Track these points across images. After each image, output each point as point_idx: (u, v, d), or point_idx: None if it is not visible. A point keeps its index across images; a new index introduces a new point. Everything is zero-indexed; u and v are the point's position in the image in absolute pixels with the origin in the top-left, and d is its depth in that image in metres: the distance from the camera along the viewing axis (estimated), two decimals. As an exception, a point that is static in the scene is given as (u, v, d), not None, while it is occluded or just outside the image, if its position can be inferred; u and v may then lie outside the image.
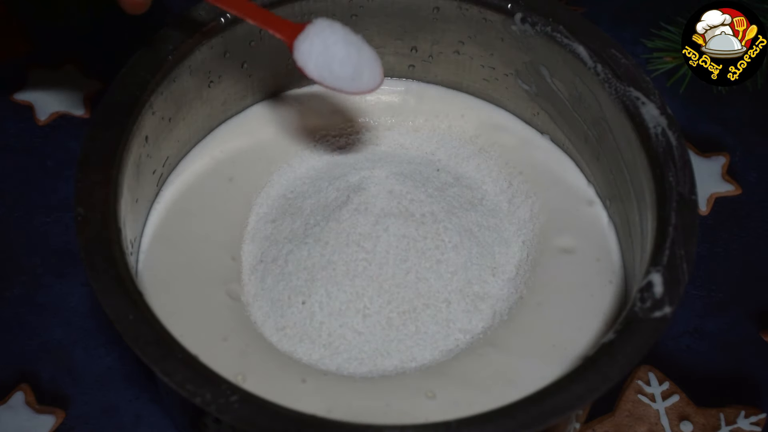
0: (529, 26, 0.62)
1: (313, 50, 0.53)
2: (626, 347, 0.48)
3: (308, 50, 0.53)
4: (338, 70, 0.53)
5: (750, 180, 0.76)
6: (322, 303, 0.58)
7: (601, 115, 0.60)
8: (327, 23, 0.54)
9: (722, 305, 0.69)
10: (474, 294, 0.59)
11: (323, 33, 0.53)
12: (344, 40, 0.53)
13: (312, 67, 0.54)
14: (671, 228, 0.52)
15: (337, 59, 0.53)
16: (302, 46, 0.53)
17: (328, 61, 0.53)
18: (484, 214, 0.63)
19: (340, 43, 0.53)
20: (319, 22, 0.54)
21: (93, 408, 0.63)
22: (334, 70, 0.53)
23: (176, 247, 0.60)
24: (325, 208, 0.62)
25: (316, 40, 0.53)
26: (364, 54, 0.54)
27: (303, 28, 0.53)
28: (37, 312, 0.67)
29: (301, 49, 0.53)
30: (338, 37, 0.53)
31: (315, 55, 0.53)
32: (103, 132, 0.54)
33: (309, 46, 0.53)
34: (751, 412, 0.63)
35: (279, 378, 0.55)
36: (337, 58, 0.53)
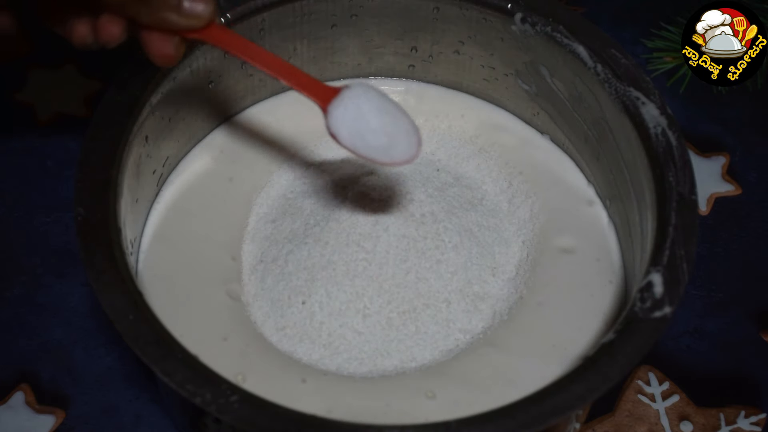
0: (529, 26, 0.62)
1: (346, 117, 0.50)
2: (626, 347, 0.48)
3: (341, 117, 0.50)
4: (372, 139, 0.50)
5: (750, 180, 0.76)
6: (322, 303, 0.58)
7: (601, 115, 0.60)
8: (362, 90, 0.50)
9: (722, 305, 0.69)
10: (474, 294, 0.59)
11: (358, 99, 0.50)
12: (379, 108, 0.50)
13: (345, 134, 0.50)
14: (671, 228, 0.52)
15: (370, 128, 0.50)
16: (335, 111, 0.50)
17: (362, 130, 0.50)
18: (484, 214, 0.63)
19: (374, 111, 0.50)
20: (354, 88, 0.50)
21: (93, 408, 0.63)
22: (367, 140, 0.50)
23: (176, 247, 0.60)
24: (325, 208, 0.62)
25: (350, 106, 0.50)
26: (400, 123, 0.51)
27: (337, 93, 0.50)
28: (37, 312, 0.67)
29: (335, 115, 0.50)
30: (373, 105, 0.50)
31: (348, 122, 0.50)
32: (103, 132, 0.54)
33: (342, 112, 0.50)
34: (751, 412, 0.63)
35: (279, 378, 0.55)
36: (371, 127, 0.50)
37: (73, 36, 0.47)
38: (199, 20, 0.46)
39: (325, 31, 0.66)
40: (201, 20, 0.46)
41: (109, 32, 0.46)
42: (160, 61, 0.48)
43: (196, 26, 0.47)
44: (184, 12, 0.46)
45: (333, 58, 0.68)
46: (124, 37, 0.46)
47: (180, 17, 0.46)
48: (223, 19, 0.60)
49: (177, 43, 0.47)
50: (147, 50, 0.47)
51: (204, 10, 0.46)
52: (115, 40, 0.46)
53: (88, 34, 0.46)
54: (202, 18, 0.46)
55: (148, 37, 0.47)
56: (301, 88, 0.50)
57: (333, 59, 0.68)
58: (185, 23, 0.46)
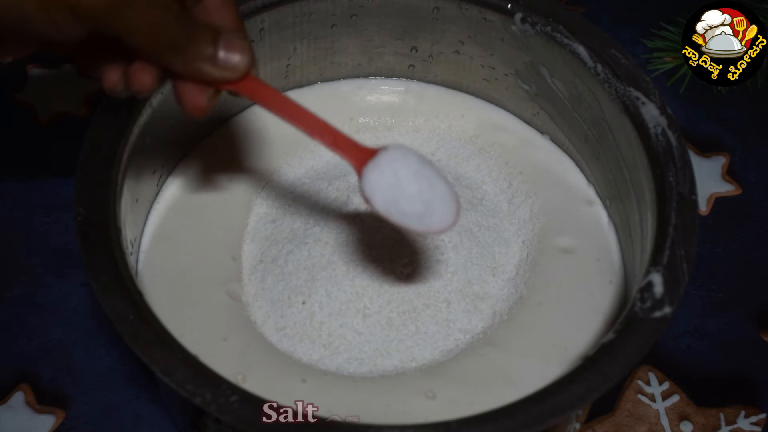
0: (529, 26, 0.62)
1: (382, 182, 0.47)
2: (626, 347, 0.48)
3: (377, 181, 0.47)
4: (407, 207, 0.47)
5: (750, 180, 0.76)
6: (322, 303, 0.58)
7: (601, 115, 0.60)
8: (400, 153, 0.47)
9: (722, 305, 0.69)
10: (474, 294, 0.59)
11: (395, 164, 0.47)
12: (417, 174, 0.47)
13: (379, 200, 0.47)
14: (671, 228, 0.52)
15: (406, 195, 0.47)
16: (371, 175, 0.47)
17: (397, 196, 0.47)
18: (484, 214, 0.63)
19: (411, 177, 0.47)
20: (391, 151, 0.47)
21: (93, 408, 0.63)
22: (402, 208, 0.47)
23: (176, 247, 0.60)
24: (325, 208, 0.62)
25: (386, 170, 0.47)
26: (437, 190, 0.48)
27: (373, 155, 0.47)
28: (37, 312, 0.67)
29: (370, 179, 0.47)
30: (411, 170, 0.47)
31: (384, 187, 0.47)
32: (103, 132, 0.54)
33: (378, 177, 0.47)
34: (751, 412, 0.63)
35: (279, 378, 0.55)
36: (407, 194, 0.47)
37: (104, 82, 0.45)
38: (234, 72, 0.44)
39: (325, 31, 0.66)
40: (236, 72, 0.44)
41: (141, 80, 0.44)
42: (191, 112, 0.45)
43: (231, 78, 0.45)
44: (220, 64, 0.44)
45: (333, 58, 0.68)
46: (156, 86, 0.45)
47: (215, 69, 0.44)
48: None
49: (211, 94, 0.45)
50: (179, 100, 0.45)
51: (240, 62, 0.44)
52: (146, 88, 0.44)
53: (119, 81, 0.45)
54: (238, 70, 0.44)
55: (182, 88, 0.45)
56: (336, 148, 0.47)
57: (333, 59, 0.68)
58: (220, 75, 0.44)
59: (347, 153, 0.48)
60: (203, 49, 0.44)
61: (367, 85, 0.70)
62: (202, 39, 0.43)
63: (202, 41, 0.43)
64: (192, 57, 0.43)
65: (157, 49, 0.43)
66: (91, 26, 0.41)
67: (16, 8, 0.40)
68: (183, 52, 0.43)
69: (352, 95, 0.70)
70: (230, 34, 0.44)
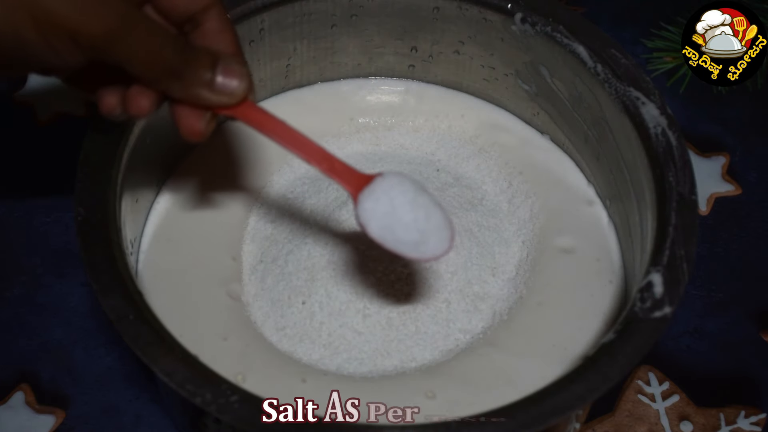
0: (529, 26, 0.62)
1: (377, 209, 0.47)
2: (626, 347, 0.48)
3: (372, 209, 0.47)
4: (403, 235, 0.48)
5: (750, 180, 0.76)
6: (322, 303, 0.58)
7: (601, 115, 0.60)
8: (396, 180, 0.48)
9: (722, 305, 0.69)
10: (474, 294, 0.59)
11: (391, 192, 0.47)
12: (413, 203, 0.47)
13: (374, 227, 0.48)
14: (671, 228, 0.52)
15: (402, 224, 0.47)
16: (367, 203, 0.47)
17: (392, 224, 0.47)
18: (484, 214, 0.63)
19: (407, 205, 0.47)
20: (388, 178, 0.48)
21: (93, 408, 0.63)
22: (397, 235, 0.48)
23: (176, 247, 0.60)
24: (325, 209, 0.62)
25: (382, 198, 0.47)
26: (432, 219, 0.48)
27: (369, 181, 0.48)
28: (37, 312, 0.67)
29: (365, 207, 0.47)
30: (406, 199, 0.47)
31: (379, 215, 0.47)
32: (103, 132, 0.54)
33: (374, 204, 0.47)
34: (751, 412, 0.63)
35: (279, 378, 0.55)
36: (403, 222, 0.47)
37: (102, 105, 0.45)
38: (231, 98, 0.45)
39: (325, 31, 0.66)
40: (234, 98, 0.45)
41: (138, 104, 0.44)
42: (188, 136, 0.46)
43: (229, 104, 0.45)
44: (218, 89, 0.44)
45: (333, 58, 0.68)
46: (153, 110, 0.45)
47: (212, 94, 0.44)
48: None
49: (208, 119, 0.46)
50: (177, 124, 0.46)
51: (237, 88, 0.45)
52: (143, 112, 0.45)
53: (116, 106, 0.45)
54: (235, 96, 0.45)
55: (179, 112, 0.45)
56: (333, 174, 0.48)
57: (333, 59, 0.68)
58: (217, 100, 0.45)
59: (343, 179, 0.48)
60: (201, 75, 0.44)
61: (367, 85, 0.70)
62: (200, 65, 0.44)
63: (201, 67, 0.44)
64: (190, 83, 0.44)
65: (155, 76, 0.43)
66: (91, 53, 0.41)
67: (13, 35, 0.40)
68: (181, 78, 0.43)
69: (352, 95, 0.70)
70: (229, 60, 0.45)
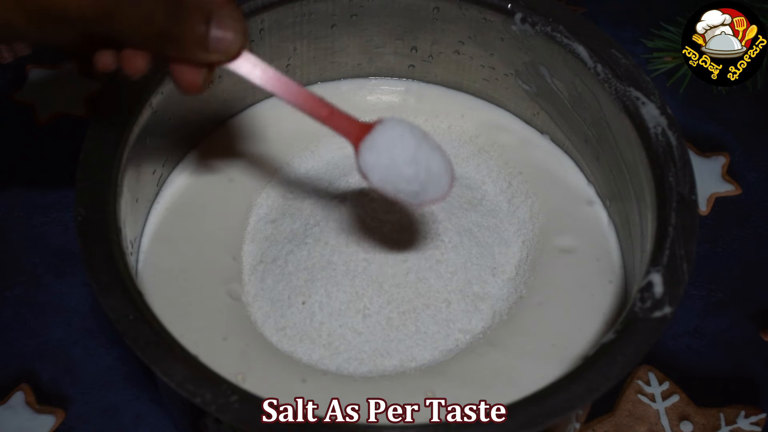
0: (529, 26, 0.62)
1: (379, 163, 0.48)
2: (626, 347, 0.48)
3: (374, 162, 0.48)
4: (403, 187, 0.48)
5: (750, 180, 0.76)
6: (322, 303, 0.58)
7: (601, 115, 0.60)
8: (398, 133, 0.48)
9: (722, 305, 0.69)
10: (474, 294, 0.59)
11: (393, 146, 0.47)
12: (413, 157, 0.48)
13: (376, 178, 0.48)
14: (671, 228, 0.52)
15: (402, 178, 0.48)
16: (368, 155, 0.48)
17: (393, 177, 0.48)
18: (484, 214, 0.63)
19: (409, 160, 0.48)
20: (388, 130, 0.48)
21: (93, 408, 0.63)
22: (399, 187, 0.48)
23: (176, 247, 0.60)
24: (325, 208, 0.62)
25: (383, 152, 0.48)
26: (433, 170, 0.48)
27: (369, 130, 0.48)
28: (37, 312, 0.67)
29: (366, 159, 0.48)
30: (408, 154, 0.48)
31: (380, 167, 0.48)
32: (103, 132, 0.54)
33: (375, 158, 0.48)
34: (751, 412, 0.63)
35: (279, 378, 0.55)
36: (403, 176, 0.48)
37: (98, 65, 0.45)
38: (226, 54, 0.44)
39: (325, 31, 0.66)
40: (228, 54, 0.44)
41: (134, 65, 0.44)
42: (187, 90, 0.46)
43: (224, 60, 0.45)
44: (212, 47, 0.44)
45: (333, 58, 0.68)
46: (148, 68, 0.45)
47: (207, 53, 0.44)
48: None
49: (205, 73, 0.46)
50: (175, 80, 0.46)
51: (231, 44, 0.44)
52: (139, 71, 0.44)
53: (112, 63, 0.45)
54: (230, 52, 0.44)
55: (176, 68, 0.45)
56: (331, 124, 0.48)
57: (333, 59, 0.68)
58: (212, 58, 0.44)
59: (343, 129, 0.48)
60: (194, 34, 0.43)
61: (367, 85, 0.70)
62: (193, 23, 0.43)
63: (194, 25, 0.43)
64: (184, 43, 0.43)
65: (148, 41, 0.43)
66: (82, 29, 0.41)
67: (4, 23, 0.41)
68: (174, 40, 0.43)
69: (352, 95, 0.70)
70: (222, 14, 0.44)
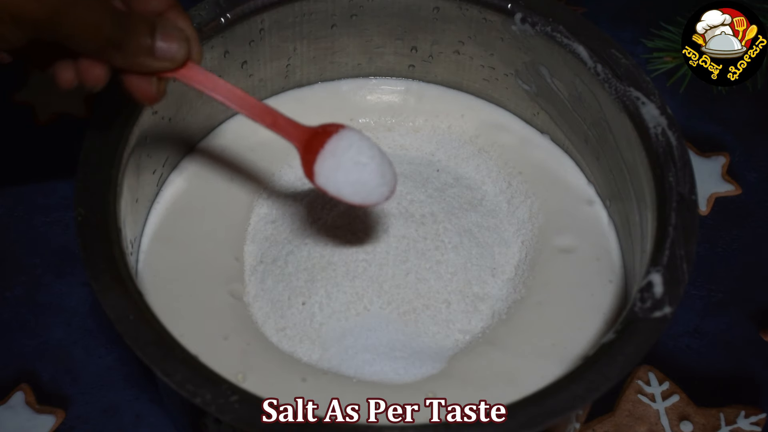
0: (529, 26, 0.62)
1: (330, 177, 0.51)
2: (626, 347, 0.48)
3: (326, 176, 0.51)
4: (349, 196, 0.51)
5: (750, 180, 0.76)
6: (322, 304, 0.58)
7: (601, 115, 0.60)
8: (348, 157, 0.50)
9: (722, 305, 0.69)
10: (474, 295, 0.59)
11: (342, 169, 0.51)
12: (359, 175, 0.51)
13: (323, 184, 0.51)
14: (671, 228, 0.52)
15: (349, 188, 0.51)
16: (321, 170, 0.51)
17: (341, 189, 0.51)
18: (484, 214, 0.63)
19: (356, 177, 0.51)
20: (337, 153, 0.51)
21: (93, 408, 0.63)
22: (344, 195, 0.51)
23: (176, 247, 0.60)
24: (325, 209, 0.62)
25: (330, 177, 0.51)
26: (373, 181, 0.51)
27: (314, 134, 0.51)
28: (37, 312, 0.67)
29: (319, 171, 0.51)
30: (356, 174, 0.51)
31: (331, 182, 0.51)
32: (103, 132, 0.54)
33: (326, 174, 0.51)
34: (751, 412, 0.63)
35: (279, 377, 0.55)
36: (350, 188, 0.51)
37: (59, 81, 0.47)
38: (173, 62, 0.46)
39: (325, 31, 0.66)
40: (175, 62, 0.46)
41: (92, 75, 0.45)
42: (142, 100, 0.48)
43: (171, 68, 0.47)
44: (158, 55, 0.46)
45: (333, 58, 0.68)
46: (108, 77, 0.46)
47: (154, 60, 0.46)
48: (223, 19, 0.60)
49: (156, 82, 0.47)
50: (128, 90, 0.47)
51: (177, 52, 0.46)
52: (100, 81, 0.46)
53: (73, 79, 0.46)
54: (176, 60, 0.46)
55: (128, 79, 0.47)
56: (277, 129, 0.51)
57: (333, 59, 0.68)
58: (159, 66, 0.46)
59: (286, 133, 0.51)
60: (141, 44, 0.45)
61: (367, 85, 0.70)
62: (139, 33, 0.45)
63: (140, 35, 0.45)
64: (131, 52, 0.45)
65: (97, 49, 0.44)
66: (33, 33, 0.42)
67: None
68: (122, 49, 0.44)
69: (352, 95, 0.70)
70: (166, 25, 0.46)
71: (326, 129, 0.51)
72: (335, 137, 0.51)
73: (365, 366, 0.57)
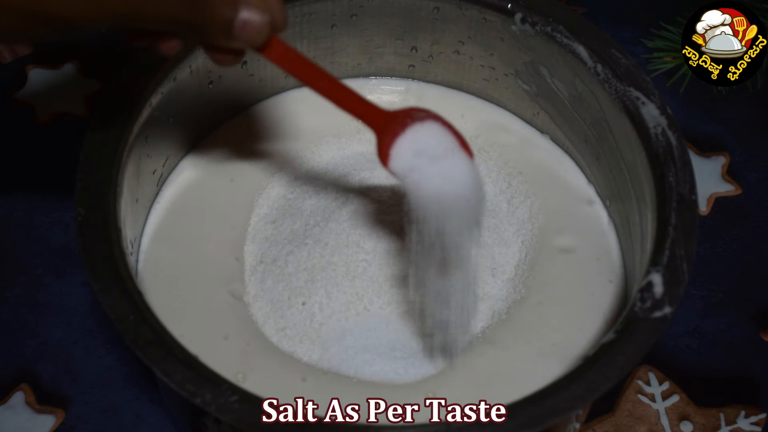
0: (529, 26, 0.62)
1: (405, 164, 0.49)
2: (626, 347, 0.48)
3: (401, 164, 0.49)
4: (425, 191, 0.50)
5: (750, 180, 0.76)
6: (322, 304, 0.58)
7: (601, 115, 0.60)
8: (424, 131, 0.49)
9: (722, 305, 0.69)
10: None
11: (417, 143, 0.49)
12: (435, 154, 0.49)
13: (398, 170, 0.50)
14: (671, 228, 0.52)
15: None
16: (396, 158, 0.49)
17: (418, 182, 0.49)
18: (484, 214, 0.63)
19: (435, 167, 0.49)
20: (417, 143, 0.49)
21: (93, 408, 0.63)
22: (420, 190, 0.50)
23: (176, 247, 0.60)
24: (325, 209, 0.62)
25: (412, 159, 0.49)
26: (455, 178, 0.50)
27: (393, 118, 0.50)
28: (37, 312, 0.67)
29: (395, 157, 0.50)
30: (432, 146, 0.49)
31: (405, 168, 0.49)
32: (103, 132, 0.54)
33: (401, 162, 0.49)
34: (751, 412, 0.63)
35: (279, 377, 0.55)
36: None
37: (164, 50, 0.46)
38: (254, 42, 0.45)
39: (325, 31, 0.66)
40: (256, 42, 0.45)
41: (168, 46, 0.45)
42: (218, 64, 0.47)
43: (252, 47, 0.46)
44: (238, 36, 0.45)
45: (333, 58, 0.68)
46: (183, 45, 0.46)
47: (233, 41, 0.45)
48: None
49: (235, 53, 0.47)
50: (208, 55, 0.47)
51: (257, 36, 0.45)
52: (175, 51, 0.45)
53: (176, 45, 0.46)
54: (258, 40, 0.45)
55: (208, 50, 0.46)
56: (357, 115, 0.50)
57: (333, 59, 0.68)
58: (238, 46, 0.45)
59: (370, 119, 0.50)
60: (221, 26, 0.44)
61: (367, 85, 0.70)
62: (220, 15, 0.44)
63: (221, 17, 0.44)
64: (212, 34, 0.44)
65: (177, 32, 0.44)
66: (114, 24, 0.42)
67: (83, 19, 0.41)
68: (203, 32, 0.44)
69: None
70: (248, 7, 0.44)
71: (411, 114, 0.50)
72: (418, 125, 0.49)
73: (365, 366, 0.57)
